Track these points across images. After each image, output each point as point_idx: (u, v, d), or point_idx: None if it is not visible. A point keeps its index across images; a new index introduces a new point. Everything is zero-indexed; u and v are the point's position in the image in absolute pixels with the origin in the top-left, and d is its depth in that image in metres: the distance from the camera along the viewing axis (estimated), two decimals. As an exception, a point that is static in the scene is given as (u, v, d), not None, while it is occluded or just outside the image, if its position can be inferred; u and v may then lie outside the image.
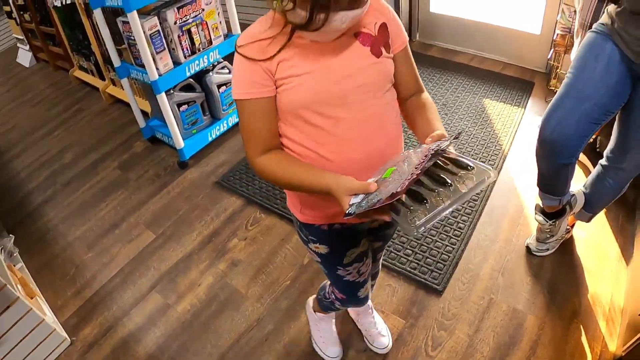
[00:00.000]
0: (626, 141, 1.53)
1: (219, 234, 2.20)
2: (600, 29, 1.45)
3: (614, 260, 1.97)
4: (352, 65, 0.94)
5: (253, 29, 0.94)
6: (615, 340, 1.69)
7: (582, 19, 2.13)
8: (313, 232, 1.15)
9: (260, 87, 0.92)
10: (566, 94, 1.50)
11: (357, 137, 0.97)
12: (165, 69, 2.22)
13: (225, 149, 2.72)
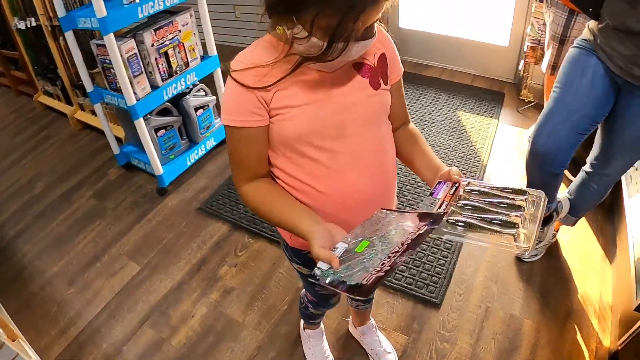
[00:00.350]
0: (610, 149, 1.61)
1: (208, 262, 2.13)
2: (583, 45, 1.54)
3: (598, 260, 2.06)
4: (350, 97, 0.91)
5: (250, 53, 0.89)
6: (608, 336, 1.76)
7: (553, 32, 2.24)
8: (299, 257, 1.16)
9: (253, 116, 0.88)
10: (555, 108, 1.58)
11: (354, 170, 0.95)
12: (143, 93, 2.15)
13: (205, 174, 2.66)
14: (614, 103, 1.52)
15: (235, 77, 0.87)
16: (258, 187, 0.95)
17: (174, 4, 2.11)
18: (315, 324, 1.66)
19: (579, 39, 1.57)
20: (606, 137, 1.61)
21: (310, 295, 1.41)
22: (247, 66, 0.86)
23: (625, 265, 1.79)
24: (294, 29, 0.79)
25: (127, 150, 2.60)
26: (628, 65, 1.38)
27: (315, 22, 0.75)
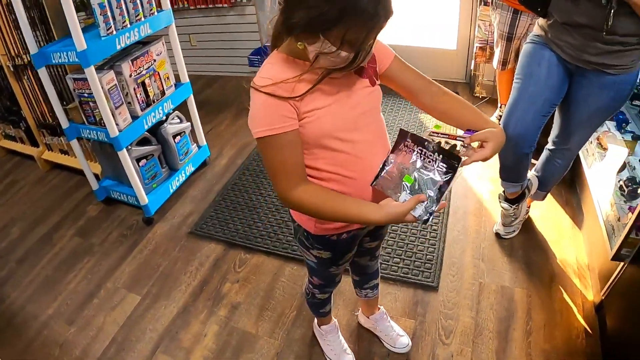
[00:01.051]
0: (569, 127, 1.84)
1: (209, 282, 2.15)
2: (536, 40, 1.77)
3: (569, 228, 2.29)
4: (357, 95, 1.07)
5: (271, 70, 1.00)
6: (590, 291, 1.97)
7: (500, 31, 2.50)
8: (321, 242, 1.27)
9: (288, 121, 0.99)
10: (520, 97, 1.79)
11: (369, 154, 1.11)
12: (124, 124, 2.17)
13: (189, 199, 2.68)
14: (568, 87, 1.75)
15: (268, 91, 0.97)
16: (311, 190, 1.05)
17: (148, 34, 2.17)
18: (326, 314, 1.73)
19: (531, 35, 1.80)
20: (565, 117, 1.84)
21: (316, 280, 1.50)
22: (275, 81, 0.97)
23: (595, 227, 2.02)
24: (322, 45, 0.90)
25: (105, 184, 2.57)
26: (577, 52, 1.61)
27: (345, 37, 0.89)
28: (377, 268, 1.66)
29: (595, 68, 1.60)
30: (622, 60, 1.54)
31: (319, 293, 1.58)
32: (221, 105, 3.68)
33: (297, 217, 1.26)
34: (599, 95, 1.65)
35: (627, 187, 1.80)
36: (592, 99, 1.67)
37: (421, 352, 1.79)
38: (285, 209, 2.50)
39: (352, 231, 1.23)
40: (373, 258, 1.57)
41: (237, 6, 3.65)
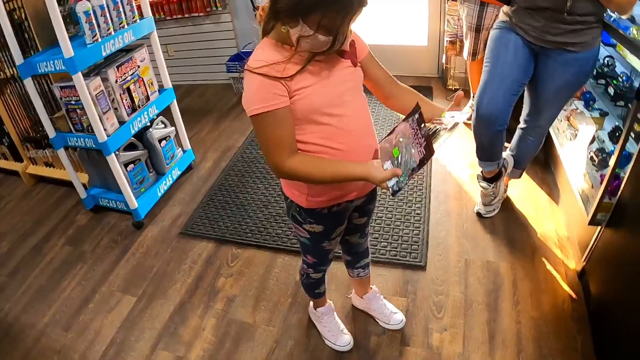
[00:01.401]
0: (538, 104, 1.96)
1: (203, 278, 2.19)
2: (502, 25, 1.90)
3: (546, 204, 2.41)
4: (341, 74, 1.17)
5: (263, 53, 1.10)
6: (572, 260, 2.07)
7: (469, 23, 2.63)
8: (313, 216, 1.36)
9: (280, 99, 1.08)
10: (490, 78, 1.91)
11: (355, 127, 1.21)
12: (112, 129, 2.20)
13: (177, 202, 2.71)
14: (535, 67, 1.87)
15: (262, 72, 1.06)
16: (301, 159, 1.15)
17: (132, 41, 2.22)
18: (321, 295, 1.79)
19: (497, 21, 1.93)
20: (534, 95, 1.96)
21: (310, 257, 1.58)
22: (267, 63, 1.07)
23: (571, 199, 2.14)
24: (301, 29, 1.02)
25: (93, 192, 2.58)
26: (541, 34, 1.74)
27: (321, 22, 1.00)
28: (367, 247, 1.74)
29: (558, 47, 1.73)
30: (582, 38, 1.67)
31: (313, 272, 1.64)
32: (202, 112, 3.73)
33: (289, 193, 1.35)
34: (564, 72, 1.77)
35: (597, 157, 1.92)
36: (557, 76, 1.79)
37: (415, 327, 1.86)
38: (272, 204, 2.57)
39: (342, 203, 1.32)
40: (363, 235, 1.64)
41: (213, 14, 3.73)
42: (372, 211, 1.56)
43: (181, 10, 3.72)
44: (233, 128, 3.46)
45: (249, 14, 3.66)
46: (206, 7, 3.66)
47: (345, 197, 1.31)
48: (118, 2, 2.07)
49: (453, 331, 1.84)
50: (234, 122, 3.54)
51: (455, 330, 1.84)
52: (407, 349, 1.79)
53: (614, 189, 1.70)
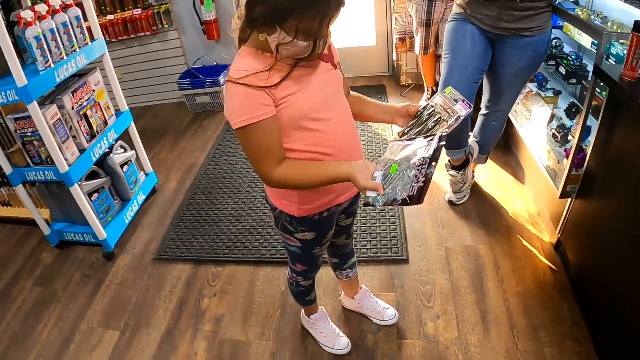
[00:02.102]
0: (498, 89, 2.05)
1: (186, 302, 2.11)
2: (457, 17, 1.97)
3: (513, 184, 2.51)
4: (323, 77, 1.15)
5: (244, 64, 1.05)
6: (545, 233, 2.17)
7: (419, 19, 2.71)
8: (304, 223, 1.33)
9: (266, 108, 1.05)
10: (452, 68, 1.97)
11: (342, 130, 1.20)
12: (73, 158, 2.08)
13: (146, 227, 2.60)
14: (492, 54, 1.96)
15: (245, 82, 1.02)
16: (289, 165, 1.12)
17: (84, 64, 2.12)
18: (312, 302, 1.78)
19: (451, 14, 2.00)
20: (493, 80, 2.04)
21: (299, 266, 1.55)
22: (250, 72, 1.03)
23: (537, 176, 2.24)
24: (279, 36, 0.98)
25: (57, 227, 2.44)
26: (495, 22, 1.83)
27: (298, 27, 0.96)
28: (352, 246, 1.74)
29: (513, 33, 1.81)
30: (535, 23, 1.77)
31: (303, 280, 1.62)
32: (158, 133, 3.62)
33: (278, 204, 1.32)
34: (520, 56, 1.86)
35: (559, 133, 2.02)
36: (515, 61, 1.88)
37: (408, 319, 1.88)
38: (244, 217, 2.53)
39: (331, 208, 1.31)
40: (349, 236, 1.64)
41: (159, 32, 3.65)
42: (357, 211, 1.57)
43: (126, 31, 3.61)
44: (192, 146, 3.39)
45: (196, 29, 3.62)
46: (152, 26, 3.58)
47: (335, 200, 1.29)
48: (68, 25, 1.97)
49: (446, 317, 1.87)
50: (192, 140, 3.46)
51: (448, 316, 1.88)
52: (404, 342, 1.80)
53: (580, 161, 1.80)
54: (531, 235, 2.20)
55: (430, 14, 2.70)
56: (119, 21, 3.59)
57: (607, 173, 1.66)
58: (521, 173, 2.52)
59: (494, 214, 2.35)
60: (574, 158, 1.79)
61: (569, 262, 1.95)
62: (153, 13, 3.55)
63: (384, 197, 1.01)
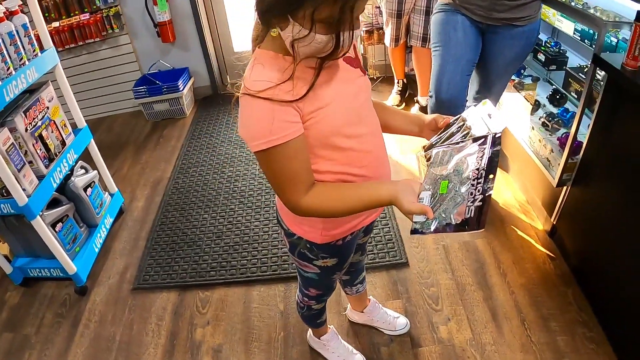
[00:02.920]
0: (489, 80, 2.01)
1: (178, 334, 1.93)
2: (445, 8, 1.90)
3: (498, 174, 2.45)
4: (354, 85, 1.00)
5: (263, 73, 0.88)
6: (538, 221, 2.18)
7: (389, 10, 2.63)
8: (327, 250, 1.20)
9: (295, 126, 0.89)
10: (445, 61, 1.91)
11: (375, 147, 1.07)
12: (32, 188, 1.83)
13: (118, 254, 2.37)
14: (482, 45, 1.91)
15: (267, 96, 0.85)
16: (321, 190, 0.97)
17: (36, 79, 1.86)
18: (323, 324, 1.67)
19: (438, 5, 1.93)
20: (484, 71, 2.00)
21: (313, 291, 1.42)
22: (273, 83, 0.86)
23: (527, 165, 2.23)
24: (293, 30, 0.81)
25: (19, 264, 2.17)
26: (487, 12, 1.77)
27: (315, 16, 0.78)
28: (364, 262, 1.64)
29: (505, 23, 1.77)
30: (527, 12, 1.73)
31: (316, 304, 1.50)
32: (115, 147, 3.35)
33: (297, 230, 1.16)
34: (512, 46, 1.83)
35: (549, 122, 2.01)
36: (507, 51, 1.84)
37: (420, 326, 1.82)
38: (226, 233, 2.37)
39: (355, 231, 1.17)
40: (363, 253, 1.54)
41: (109, 38, 3.37)
42: (373, 228, 1.46)
43: (74, 39, 3.30)
44: (156, 158, 3.15)
45: (150, 32, 3.37)
46: (101, 31, 3.29)
47: (362, 223, 1.16)
48: (14, 35, 1.72)
49: (457, 319, 1.83)
50: (155, 152, 3.22)
51: (458, 317, 1.83)
52: (420, 350, 1.73)
53: (576, 149, 1.79)
54: (525, 224, 2.20)
55: (402, 5, 2.63)
56: (65, 28, 3.27)
57: (605, 160, 1.67)
58: (505, 162, 2.52)
59: (485, 206, 2.33)
60: (572, 146, 1.77)
61: (566, 249, 1.96)
62: (102, 17, 3.26)
63: (436, 222, 0.87)
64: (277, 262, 2.16)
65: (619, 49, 1.62)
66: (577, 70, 1.92)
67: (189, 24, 3.42)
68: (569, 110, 2.05)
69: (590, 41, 1.77)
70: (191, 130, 3.40)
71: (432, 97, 1.97)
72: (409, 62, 3.17)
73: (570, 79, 1.93)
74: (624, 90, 1.50)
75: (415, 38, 2.77)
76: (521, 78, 2.29)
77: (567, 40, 2.08)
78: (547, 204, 2.09)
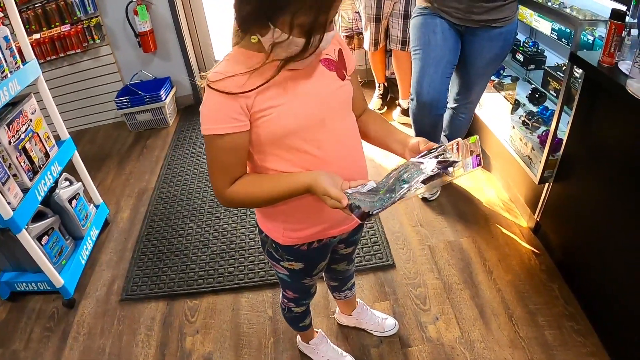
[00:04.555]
0: (469, 81, 2.05)
1: (168, 344, 1.92)
2: (424, 12, 1.93)
3: (480, 174, 2.54)
4: (324, 89, 1.01)
5: (226, 65, 0.95)
6: (521, 218, 2.22)
7: (368, 14, 2.67)
8: (291, 253, 1.21)
9: (234, 122, 0.93)
10: (425, 63, 1.94)
11: (337, 155, 1.05)
12: (17, 201, 1.81)
13: (105, 266, 2.35)
14: (461, 47, 1.95)
15: (216, 87, 0.91)
16: (241, 181, 1.01)
17: (18, 91, 1.84)
18: (307, 327, 1.67)
19: (417, 8, 1.96)
20: (463, 73, 2.04)
21: (290, 293, 1.44)
22: (226, 75, 0.91)
23: (509, 164, 2.28)
24: (273, 35, 0.85)
25: (6, 278, 2.13)
26: (466, 14, 1.81)
27: (294, 21, 0.83)
28: (352, 272, 1.63)
29: (483, 25, 1.81)
30: (504, 13, 1.77)
31: (295, 307, 1.51)
32: (99, 158, 3.31)
33: (264, 227, 1.18)
34: (491, 47, 1.87)
35: (529, 120, 2.05)
36: (485, 52, 1.88)
37: (408, 326, 1.83)
38: (212, 241, 2.36)
39: (323, 240, 1.18)
40: (350, 262, 1.53)
41: (91, 49, 3.34)
42: (359, 240, 1.45)
43: (55, 50, 3.27)
44: (140, 168, 3.13)
45: (131, 42, 3.35)
46: (82, 42, 3.26)
47: (326, 233, 1.16)
48: (-5, 46, 1.70)
49: (445, 318, 1.85)
50: (139, 162, 3.20)
51: (447, 316, 1.85)
52: (409, 350, 1.75)
53: (556, 146, 1.83)
54: (508, 222, 2.24)
55: (380, 9, 2.67)
56: (46, 40, 3.24)
57: (585, 155, 1.71)
58: (487, 161, 2.56)
59: (469, 205, 2.36)
60: (552, 144, 1.82)
61: (550, 244, 2.00)
62: (83, 28, 3.24)
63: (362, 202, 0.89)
64: (264, 269, 2.16)
65: (596, 46, 1.67)
66: (555, 68, 1.98)
67: (170, 34, 3.42)
68: (548, 108, 2.10)
69: (568, 40, 1.82)
70: (174, 139, 3.39)
71: (414, 99, 2.01)
72: (389, 65, 3.21)
73: (549, 77, 1.98)
74: (601, 87, 1.55)
75: (394, 42, 2.81)
76: (501, 78, 2.34)
77: (545, 39, 2.13)
78: (530, 201, 2.13)
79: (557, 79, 1.89)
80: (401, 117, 3.08)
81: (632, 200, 1.45)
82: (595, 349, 1.66)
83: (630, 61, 1.34)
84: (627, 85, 1.29)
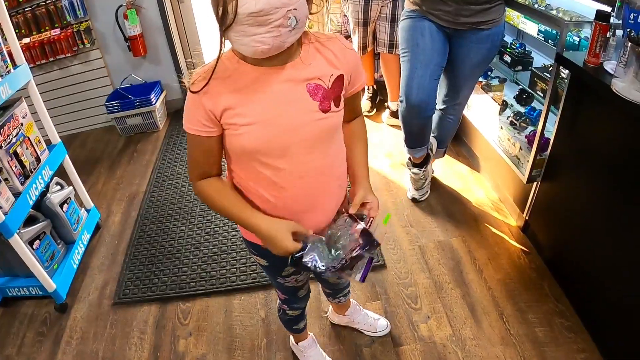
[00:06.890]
0: (457, 83, 2.07)
1: (161, 347, 1.92)
2: (412, 15, 1.96)
3: (469, 174, 2.57)
4: (296, 119, 0.94)
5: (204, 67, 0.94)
6: (511, 218, 2.25)
7: (355, 18, 2.69)
8: (254, 248, 1.21)
9: (203, 127, 0.95)
10: (414, 65, 1.96)
11: (297, 188, 1.02)
12: (8, 205, 1.81)
13: (96, 270, 2.34)
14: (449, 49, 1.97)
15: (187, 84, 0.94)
16: (211, 183, 1.05)
17: (9, 95, 1.84)
18: (300, 331, 1.69)
19: (405, 11, 1.99)
20: (451, 75, 2.06)
21: (280, 294, 1.46)
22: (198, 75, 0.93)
23: (497, 164, 2.31)
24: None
25: (-4, 285, 2.13)
26: (454, 17, 1.84)
27: None
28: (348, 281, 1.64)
29: (471, 27, 1.84)
30: (492, 16, 1.80)
31: (288, 309, 1.52)
32: (89, 162, 3.30)
33: None
34: (478, 49, 1.89)
35: (517, 121, 2.09)
36: (473, 54, 1.91)
37: (400, 326, 1.85)
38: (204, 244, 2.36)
39: None
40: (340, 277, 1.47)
41: (81, 53, 3.33)
42: None
43: (45, 55, 3.26)
44: (131, 173, 3.12)
45: (121, 46, 3.35)
46: (72, 46, 3.25)
47: None
48: (-13, 52, 1.70)
49: (436, 317, 1.87)
50: (129, 167, 3.19)
51: (438, 315, 1.87)
52: (402, 349, 1.77)
53: (543, 146, 1.86)
54: (498, 221, 2.27)
55: (367, 13, 2.69)
56: (36, 44, 3.22)
57: (572, 154, 1.75)
58: (475, 162, 2.59)
59: (458, 205, 2.39)
60: (539, 143, 1.85)
61: (539, 243, 2.04)
62: (73, 32, 3.23)
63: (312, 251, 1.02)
64: (256, 270, 2.17)
65: (581, 47, 1.71)
66: (542, 69, 2.02)
67: (159, 37, 3.42)
68: (535, 108, 2.13)
69: (554, 41, 1.86)
70: (165, 143, 3.39)
71: (403, 101, 2.03)
72: (377, 68, 3.24)
73: (536, 78, 2.02)
74: (586, 87, 1.58)
75: (382, 45, 2.84)
76: (488, 79, 2.38)
77: (532, 41, 2.18)
78: (519, 200, 2.16)
79: (544, 80, 1.92)
80: (390, 119, 3.11)
81: (618, 198, 1.48)
82: (586, 344, 1.68)
83: (615, 61, 1.37)
84: (613, 85, 1.32)
